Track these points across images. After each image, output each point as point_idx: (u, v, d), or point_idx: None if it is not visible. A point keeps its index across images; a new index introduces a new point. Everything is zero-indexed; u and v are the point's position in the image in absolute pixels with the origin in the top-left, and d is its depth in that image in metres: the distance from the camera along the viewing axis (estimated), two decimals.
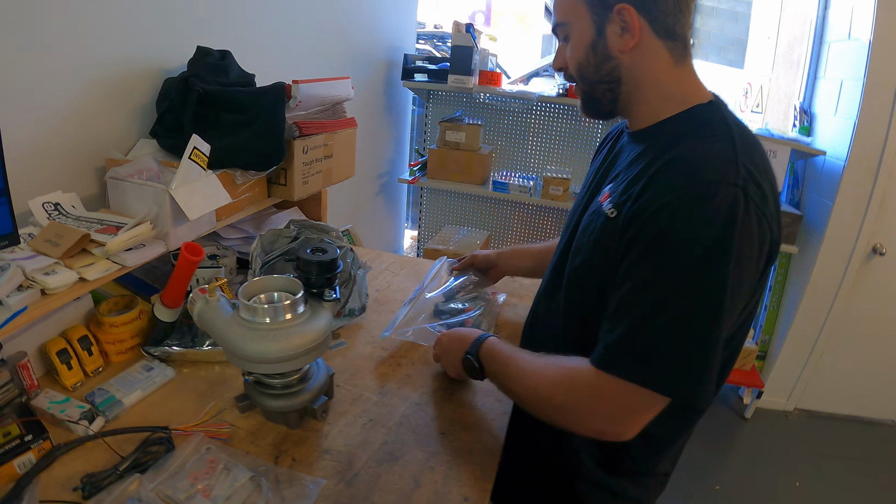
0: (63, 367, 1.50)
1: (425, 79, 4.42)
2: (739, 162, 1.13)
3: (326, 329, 1.39)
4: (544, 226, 5.01)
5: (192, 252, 1.51)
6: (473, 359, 1.50)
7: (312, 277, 1.43)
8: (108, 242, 1.47)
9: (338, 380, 1.65)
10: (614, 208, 1.26)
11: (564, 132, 4.68)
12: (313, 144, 2.21)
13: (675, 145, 1.21)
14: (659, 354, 1.13)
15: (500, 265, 2.19)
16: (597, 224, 1.32)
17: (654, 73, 1.31)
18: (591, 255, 1.33)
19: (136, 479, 1.21)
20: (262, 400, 1.42)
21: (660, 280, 1.13)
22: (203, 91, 1.85)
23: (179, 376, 1.63)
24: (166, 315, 1.60)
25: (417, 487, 1.32)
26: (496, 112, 4.71)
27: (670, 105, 1.31)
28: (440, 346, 1.66)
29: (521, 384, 1.36)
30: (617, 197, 1.28)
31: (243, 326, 1.31)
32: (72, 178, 1.75)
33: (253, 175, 1.99)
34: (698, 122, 1.26)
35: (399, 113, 4.82)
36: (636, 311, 1.15)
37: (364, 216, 4.51)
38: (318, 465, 1.36)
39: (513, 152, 4.88)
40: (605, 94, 1.38)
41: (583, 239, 1.38)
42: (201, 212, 1.69)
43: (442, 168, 4.44)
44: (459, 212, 5.18)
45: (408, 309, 1.94)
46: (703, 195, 1.09)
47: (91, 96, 1.77)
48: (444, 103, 4.80)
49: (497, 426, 1.56)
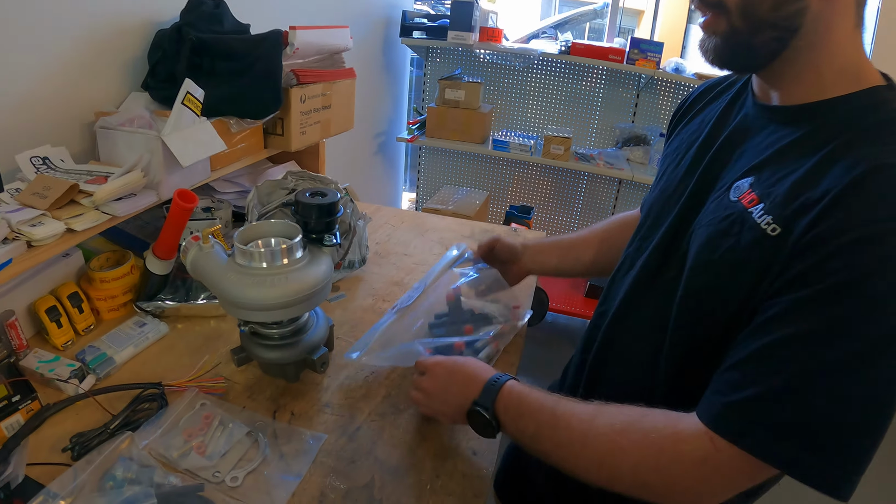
0: (53, 325, 1.46)
1: (424, 36, 4.35)
2: None
3: (326, 275, 1.33)
4: (545, 186, 4.98)
5: (185, 199, 1.46)
6: (487, 414, 1.13)
7: (311, 222, 1.37)
8: (97, 192, 1.42)
9: (338, 332, 1.60)
10: (776, 223, 0.93)
11: (566, 91, 4.63)
12: (311, 94, 2.17)
13: (864, 144, 0.90)
14: (819, 433, 0.84)
15: (525, 260, 1.77)
16: (740, 242, 0.98)
17: (837, 34, 0.98)
18: (730, 278, 0.99)
19: (127, 438, 1.18)
20: (259, 352, 1.37)
21: (842, 338, 0.82)
22: (197, 39, 1.79)
23: (174, 332, 1.60)
24: (159, 267, 1.56)
25: (423, 441, 1.28)
26: (496, 70, 4.64)
27: (842, 80, 0.99)
28: (429, 382, 1.26)
29: (577, 455, 1.03)
30: (779, 205, 0.94)
31: (239, 272, 1.25)
32: (61, 133, 1.70)
33: (249, 123, 1.95)
34: (886, 116, 0.94)
35: (397, 72, 4.77)
36: (793, 368, 0.85)
37: (362, 176, 4.49)
38: (319, 419, 1.33)
39: (513, 111, 4.81)
40: (768, 43, 1.00)
41: (713, 254, 1.03)
42: (195, 158, 1.64)
43: (441, 127, 4.37)
44: (458, 172, 5.15)
45: (391, 321, 1.57)
46: None
47: (80, 50, 1.72)
48: (443, 62, 4.76)
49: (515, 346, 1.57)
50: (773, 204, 0.94)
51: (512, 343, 1.63)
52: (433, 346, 1.48)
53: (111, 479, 1.08)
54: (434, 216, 2.58)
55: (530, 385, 1.15)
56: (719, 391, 0.92)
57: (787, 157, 1.00)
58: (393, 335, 1.53)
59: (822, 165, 0.92)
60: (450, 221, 2.53)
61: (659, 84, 4.47)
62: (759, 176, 1.02)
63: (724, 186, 1.08)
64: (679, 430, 0.94)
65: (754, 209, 0.97)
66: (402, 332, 1.53)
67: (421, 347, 1.44)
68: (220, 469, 1.14)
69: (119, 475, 1.08)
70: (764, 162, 1.03)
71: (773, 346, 0.87)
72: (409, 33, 4.33)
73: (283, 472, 1.16)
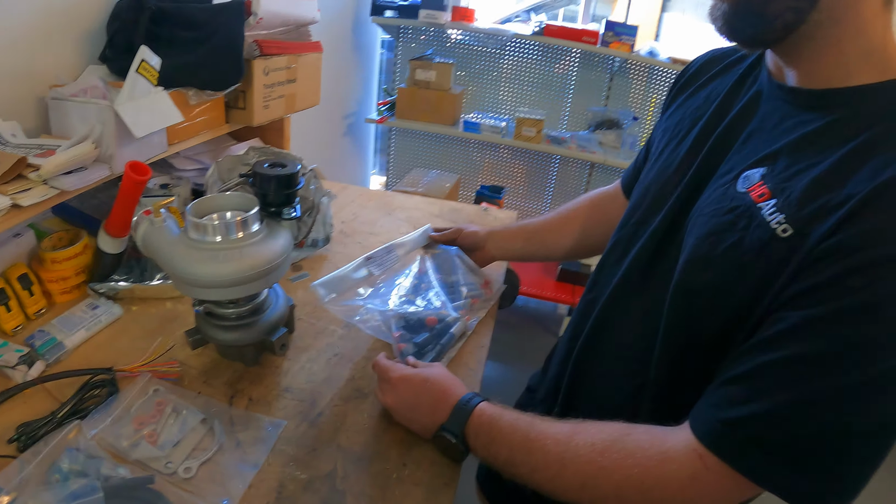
0: (2, 309, 1.41)
1: (395, 15, 4.31)
2: None
3: (285, 250, 1.29)
4: (516, 169, 5.01)
5: (138, 171, 1.40)
6: (455, 439, 1.11)
7: (270, 194, 1.32)
8: (45, 164, 1.36)
9: (300, 313, 1.58)
10: (788, 223, 0.86)
11: (539, 74, 4.65)
12: (275, 66, 2.13)
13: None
14: (819, 460, 0.80)
15: (488, 247, 1.77)
16: (747, 239, 0.91)
17: (865, 12, 0.88)
18: (731, 279, 0.92)
19: (75, 427, 1.14)
20: (215, 333, 1.32)
21: (857, 365, 0.76)
22: (156, 7, 1.75)
23: (128, 314, 1.55)
24: (111, 245, 1.50)
25: (389, 427, 1.25)
26: (469, 52, 4.65)
27: (870, 65, 0.89)
28: (395, 396, 1.22)
29: (555, 479, 0.99)
30: (794, 203, 0.86)
31: (191, 247, 1.20)
32: (13, 107, 1.63)
33: (209, 95, 1.88)
34: None
35: (368, 52, 4.75)
36: (800, 389, 0.80)
37: (330, 158, 4.44)
38: (278, 404, 1.29)
39: (485, 93, 4.82)
40: (784, 13, 0.89)
41: (713, 250, 0.96)
42: (149, 129, 1.58)
43: (411, 108, 4.36)
44: (429, 154, 5.15)
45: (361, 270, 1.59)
46: None
47: (35, 21, 1.66)
48: (414, 43, 4.75)
49: (475, 359, 1.50)
50: (788, 202, 0.87)
51: (482, 323, 1.61)
52: (405, 317, 1.49)
53: (57, 471, 1.03)
54: (402, 195, 2.56)
55: (501, 405, 1.11)
56: (716, 405, 0.87)
57: (807, 148, 0.91)
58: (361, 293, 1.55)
59: (847, 162, 0.84)
60: (418, 200, 2.52)
61: (632, 68, 4.50)
62: (774, 166, 0.93)
63: (732, 173, 1.00)
64: (665, 449, 0.90)
65: (765, 205, 0.90)
66: (372, 294, 1.55)
67: (393, 325, 1.46)
68: (172, 459, 1.10)
69: (65, 467, 1.04)
70: (779, 151, 0.95)
71: (778, 364, 0.81)
72: (381, 12, 4.30)
73: (240, 462, 1.12)
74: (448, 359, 1.45)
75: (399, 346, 1.41)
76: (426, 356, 1.41)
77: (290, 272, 1.82)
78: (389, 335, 1.44)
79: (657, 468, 0.89)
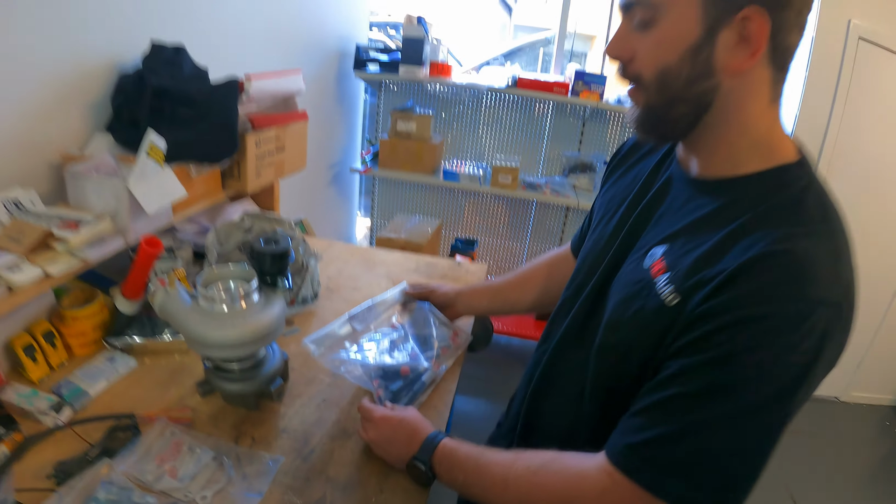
0: (29, 361, 1.54)
1: (378, 69, 4.42)
2: (841, 273, 0.94)
3: (280, 315, 1.46)
4: (496, 213, 5.07)
5: (152, 244, 1.57)
6: (424, 467, 1.28)
7: (266, 267, 1.48)
8: (71, 239, 1.52)
9: (293, 364, 1.72)
10: (676, 293, 1.01)
11: (515, 121, 4.74)
12: (265, 138, 2.25)
13: (763, 226, 0.97)
14: (700, 474, 0.95)
15: (458, 305, 1.94)
16: (646, 305, 1.07)
17: (750, 110, 1.04)
18: (637, 338, 1.08)
19: (105, 464, 1.26)
20: (222, 384, 1.48)
21: (720, 400, 0.93)
22: (158, 86, 1.87)
23: (142, 366, 1.68)
24: (127, 307, 1.65)
25: (368, 461, 1.41)
26: (447, 102, 4.74)
27: (755, 156, 1.05)
28: (376, 432, 1.40)
29: (500, 497, 1.17)
30: (681, 278, 1.02)
31: (202, 315, 1.38)
32: (28, 174, 1.76)
33: (208, 168, 2.03)
34: (790, 196, 1.00)
35: (351, 102, 4.84)
36: (681, 420, 0.96)
37: (317, 206, 4.54)
38: (277, 443, 1.44)
39: (464, 141, 4.93)
40: (682, 117, 1.07)
41: (623, 314, 1.13)
42: (158, 206, 1.74)
43: (393, 157, 4.44)
44: (412, 200, 5.22)
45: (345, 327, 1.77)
46: (801, 316, 0.89)
47: (44, 93, 1.79)
48: (396, 93, 4.82)
49: (443, 401, 1.65)
50: (677, 276, 1.03)
51: (450, 370, 1.77)
52: (383, 368, 1.64)
53: (94, 500, 1.18)
54: (382, 251, 2.68)
55: (460, 440, 1.29)
56: (622, 432, 1.04)
57: (699, 229, 1.07)
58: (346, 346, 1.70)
59: (724, 243, 0.99)
60: (397, 256, 2.64)
61: (603, 113, 4.59)
62: (673, 245, 1.10)
63: (643, 249, 1.17)
64: (584, 469, 1.07)
65: (660, 279, 1.06)
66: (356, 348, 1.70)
67: (373, 375, 1.60)
68: (190, 489, 1.25)
69: (102, 497, 1.18)
70: (679, 232, 1.11)
71: (667, 400, 0.98)
72: (363, 66, 4.39)
73: (247, 491, 1.27)
74: (419, 402, 1.60)
75: (378, 392, 1.56)
76: (401, 401, 1.56)
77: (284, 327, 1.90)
78: (370, 383, 1.58)
79: (577, 484, 1.06)
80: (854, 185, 4.01)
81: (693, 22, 0.98)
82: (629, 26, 1.06)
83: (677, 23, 0.99)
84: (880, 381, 4.72)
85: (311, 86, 3.67)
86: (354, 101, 4.91)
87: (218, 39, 2.68)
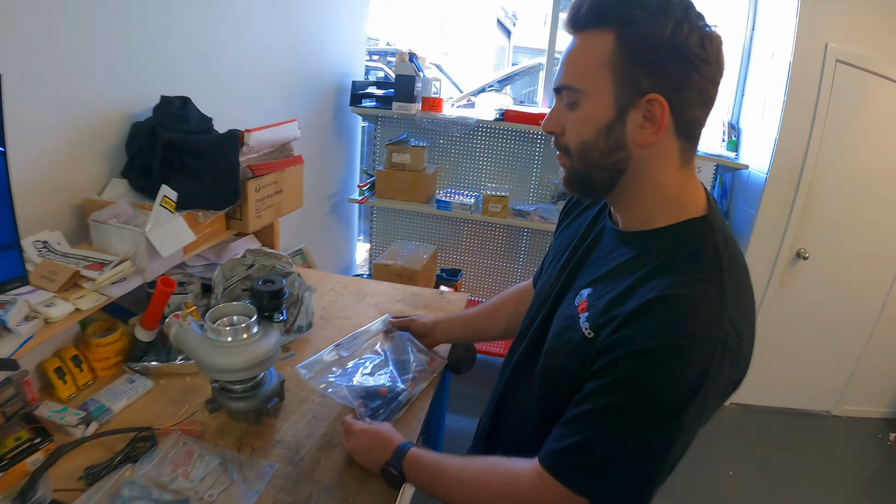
0: (59, 381, 1.74)
1: (373, 103, 4.50)
2: (725, 313, 1.07)
3: (276, 344, 1.67)
4: (490, 239, 5.12)
5: (167, 284, 1.77)
6: (395, 471, 1.47)
7: (264, 304, 1.69)
8: (97, 278, 1.71)
9: (288, 385, 1.88)
10: (592, 329, 1.20)
11: (506, 151, 4.84)
12: (264, 183, 2.42)
13: (664, 273, 1.14)
14: (607, 473, 1.13)
15: (435, 334, 2.13)
16: (573, 337, 1.25)
17: (660, 174, 1.20)
18: (567, 364, 1.25)
19: (128, 468, 1.47)
20: (227, 402, 1.67)
21: (622, 415, 1.10)
22: (168, 140, 2.03)
23: (157, 386, 1.87)
24: (145, 336, 1.86)
25: (349, 467, 1.60)
26: (440, 134, 4.82)
27: (665, 212, 1.22)
28: (356, 443, 1.59)
29: (455, 494, 1.35)
30: (596, 317, 1.20)
31: (210, 344, 1.58)
32: (53, 215, 1.92)
33: (213, 213, 2.22)
34: (691, 248, 1.16)
35: (349, 135, 4.91)
36: (593, 430, 1.13)
37: (318, 234, 4.60)
38: (273, 452, 1.63)
39: (457, 171, 5.01)
40: (601, 181, 1.23)
41: (557, 343, 1.31)
42: (172, 249, 1.92)
43: (389, 188, 4.52)
44: (408, 227, 5.29)
45: (332, 354, 2.00)
46: (683, 349, 1.04)
47: (67, 141, 1.94)
48: (392, 124, 4.93)
49: (416, 418, 1.82)
50: (594, 314, 1.21)
51: (424, 391, 1.95)
52: (365, 389, 1.83)
53: (120, 497, 1.39)
54: (373, 282, 2.83)
55: (426, 449, 1.47)
56: (551, 440, 1.20)
57: (616, 275, 1.23)
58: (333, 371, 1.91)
59: (632, 287, 1.15)
60: (386, 287, 2.81)
61: None
62: (595, 288, 1.27)
63: (576, 290, 1.34)
64: (520, 470, 1.24)
65: (582, 316, 1.24)
66: (341, 373, 1.91)
67: (356, 395, 1.79)
68: (199, 489, 1.45)
69: (126, 494, 1.39)
70: (601, 277, 1.28)
71: (582, 415, 1.15)
72: (359, 101, 4.50)
73: (247, 491, 1.47)
74: (396, 418, 1.78)
75: (359, 410, 1.75)
76: (379, 417, 1.74)
77: (281, 353, 1.97)
78: (353, 402, 1.77)
79: (514, 482, 1.24)
80: (837, 202, 4.10)
81: (607, 105, 1.14)
82: (560, 106, 1.23)
83: (595, 105, 1.15)
84: (871, 395, 4.72)
85: (310, 121, 3.85)
86: (353, 133, 5.02)
87: (222, 88, 2.81)
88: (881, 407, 4.78)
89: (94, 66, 2.02)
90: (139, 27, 2.21)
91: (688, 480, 3.77)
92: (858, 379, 4.63)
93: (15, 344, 1.52)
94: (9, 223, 1.44)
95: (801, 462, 4.15)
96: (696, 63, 1.10)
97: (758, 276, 4.20)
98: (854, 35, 3.73)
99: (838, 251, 4.24)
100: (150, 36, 2.28)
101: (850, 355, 4.56)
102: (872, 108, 3.91)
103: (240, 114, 2.78)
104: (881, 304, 4.41)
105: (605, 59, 1.13)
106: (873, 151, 4.01)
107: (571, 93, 1.19)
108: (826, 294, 4.38)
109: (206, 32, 2.66)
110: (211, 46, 2.71)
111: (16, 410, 1.62)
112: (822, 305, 4.41)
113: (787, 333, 4.47)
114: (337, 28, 4.32)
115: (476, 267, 5.28)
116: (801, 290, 4.35)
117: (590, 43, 1.16)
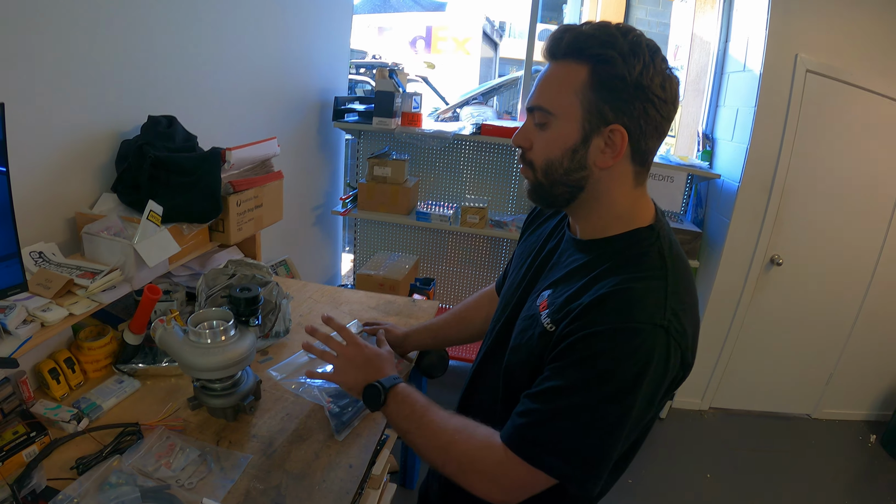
0: (53, 381, 1.86)
1: (355, 118, 4.55)
2: (667, 304, 1.19)
3: (252, 346, 1.78)
4: (470, 248, 5.22)
5: (153, 292, 1.86)
6: (382, 390, 1.48)
7: (240, 309, 1.80)
8: (89, 286, 1.82)
9: (264, 385, 1.98)
10: (552, 323, 1.29)
11: (485, 162, 4.91)
12: (245, 198, 2.54)
13: (615, 273, 1.26)
14: (562, 448, 1.19)
15: (406, 343, 2.22)
16: (535, 333, 1.34)
17: (615, 192, 1.32)
18: (528, 358, 1.35)
19: (116, 459, 1.59)
20: (207, 400, 1.77)
21: (576, 392, 1.18)
22: (154, 158, 2.14)
23: (144, 387, 1.98)
24: (133, 340, 1.95)
25: (317, 458, 1.71)
26: (420, 147, 4.87)
27: (617, 224, 1.34)
28: (352, 353, 1.62)
29: (431, 438, 1.38)
30: (555, 312, 1.30)
31: (191, 346, 1.69)
32: (47, 227, 2.01)
33: (197, 227, 2.32)
34: (638, 251, 1.30)
35: (333, 149, 4.94)
36: (550, 407, 1.21)
37: (303, 245, 4.64)
38: (248, 445, 1.74)
39: (437, 183, 5.06)
40: (562, 195, 1.34)
41: (521, 340, 1.40)
42: (158, 260, 2.04)
43: (371, 200, 4.56)
44: (391, 238, 5.31)
45: (305, 361, 2.12)
46: (631, 332, 1.15)
47: (60, 158, 2.02)
48: (374, 138, 4.99)
49: (378, 417, 1.91)
50: (553, 311, 1.31)
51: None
52: (334, 389, 1.94)
53: (108, 483, 1.50)
54: (348, 291, 2.96)
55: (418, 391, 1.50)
56: (513, 418, 1.27)
57: (573, 276, 1.34)
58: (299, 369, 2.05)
59: (588, 285, 1.26)
60: (361, 295, 2.92)
61: None
62: (555, 290, 1.36)
63: (537, 292, 1.43)
64: (490, 441, 1.29)
65: (542, 313, 1.33)
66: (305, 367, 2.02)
67: (325, 395, 1.90)
68: (181, 477, 1.57)
69: (113, 481, 1.50)
70: (560, 279, 1.38)
71: (541, 392, 1.22)
72: (342, 116, 4.56)
73: (223, 479, 1.58)
74: (363, 416, 1.88)
75: (329, 407, 1.86)
76: (346, 416, 1.85)
77: (259, 356, 2.22)
78: (323, 400, 1.88)
79: (482, 453, 1.28)
80: (809, 209, 4.18)
81: (575, 130, 1.25)
82: (532, 123, 1.33)
83: (564, 129, 1.27)
84: (851, 397, 4.77)
85: (295, 135, 3.92)
86: (337, 147, 5.07)
87: (207, 107, 2.90)
88: (861, 409, 4.85)
89: (85, 89, 2.11)
90: (127, 50, 2.30)
91: (667, 484, 3.85)
92: (837, 382, 4.71)
93: (14, 345, 1.63)
94: (10, 235, 1.55)
95: (782, 465, 4.19)
96: (656, 102, 1.22)
97: (733, 283, 4.32)
98: (824, 46, 3.82)
99: (812, 257, 4.32)
100: (137, 58, 2.36)
101: (829, 358, 4.65)
102: (843, 117, 4.00)
103: (225, 130, 2.86)
104: (857, 308, 4.50)
105: (577, 89, 1.24)
106: (845, 159, 4.09)
107: (543, 114, 1.29)
108: (802, 299, 4.46)
109: (192, 53, 2.74)
110: (196, 66, 2.79)
111: (13, 407, 1.71)
112: (798, 310, 4.49)
113: (764, 338, 4.55)
114: (321, 46, 4.38)
115: (458, 276, 5.30)
116: (777, 296, 4.41)
117: (565, 72, 1.27)
